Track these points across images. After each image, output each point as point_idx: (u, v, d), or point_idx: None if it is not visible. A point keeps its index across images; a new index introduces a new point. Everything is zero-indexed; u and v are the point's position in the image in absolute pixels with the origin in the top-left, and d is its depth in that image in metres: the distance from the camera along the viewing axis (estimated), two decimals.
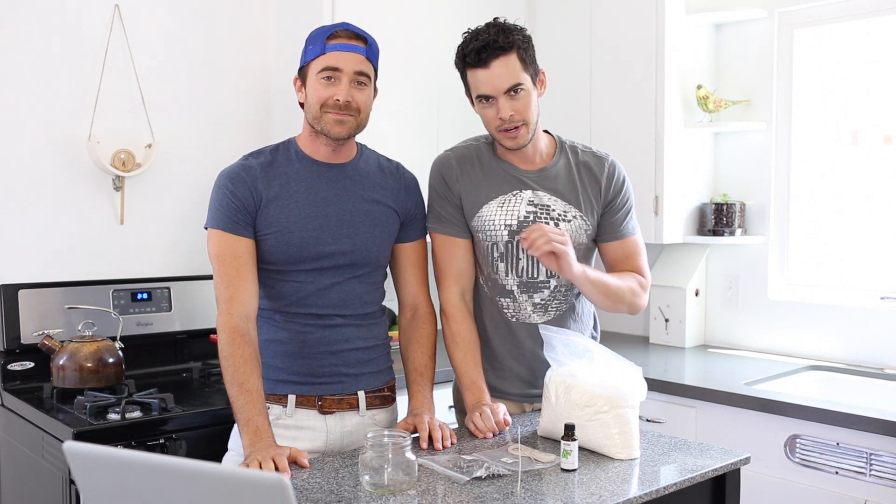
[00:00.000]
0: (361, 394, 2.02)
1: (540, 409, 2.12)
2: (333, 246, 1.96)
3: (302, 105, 2.02)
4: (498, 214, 2.11)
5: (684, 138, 3.30)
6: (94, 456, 1.25)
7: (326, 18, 2.95)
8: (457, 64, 2.07)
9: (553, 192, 2.12)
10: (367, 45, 1.96)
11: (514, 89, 1.99)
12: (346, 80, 1.92)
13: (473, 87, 2.04)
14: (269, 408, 1.94)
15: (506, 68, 1.97)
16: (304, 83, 1.98)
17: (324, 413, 1.97)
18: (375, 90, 2.02)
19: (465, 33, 2.04)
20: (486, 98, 2.02)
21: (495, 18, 2.03)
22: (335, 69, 1.91)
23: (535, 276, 2.12)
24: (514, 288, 2.13)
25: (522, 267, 2.12)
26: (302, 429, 1.96)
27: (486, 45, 1.97)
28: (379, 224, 2.02)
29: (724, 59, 3.41)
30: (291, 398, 1.96)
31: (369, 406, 2.03)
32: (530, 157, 2.13)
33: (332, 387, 1.98)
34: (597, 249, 2.23)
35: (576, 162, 2.16)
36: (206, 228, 1.96)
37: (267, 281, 1.97)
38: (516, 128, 2.02)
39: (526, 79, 2.00)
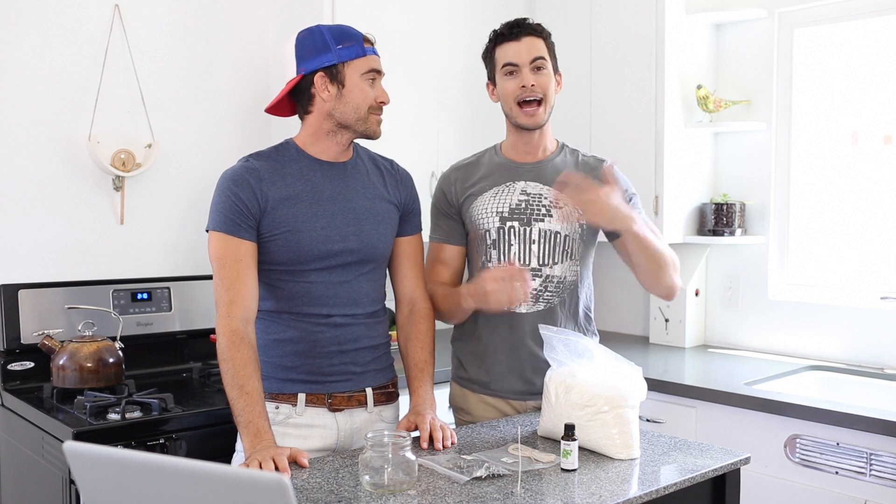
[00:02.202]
0: (369, 390, 2.03)
1: (537, 409, 2.13)
2: (341, 244, 1.96)
3: (308, 103, 1.98)
4: (491, 203, 2.18)
5: (684, 138, 3.30)
6: (94, 456, 1.25)
7: (326, 19, 2.95)
8: (486, 47, 2.21)
9: (547, 182, 2.18)
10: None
11: (538, 62, 2.13)
12: (380, 82, 1.99)
13: (500, 59, 2.16)
14: (277, 407, 1.95)
15: (534, 44, 2.15)
16: (336, 81, 1.94)
17: (333, 410, 1.98)
18: None
19: (496, 29, 2.19)
20: (511, 67, 2.14)
21: (525, 18, 2.20)
22: (379, 72, 1.98)
23: (527, 263, 2.16)
24: None
25: (514, 253, 2.16)
26: (312, 427, 1.97)
27: (519, 23, 2.16)
28: (382, 220, 2.04)
29: (724, 59, 3.41)
30: (301, 397, 1.96)
31: (376, 403, 2.04)
32: (535, 148, 2.21)
33: (341, 384, 1.99)
34: (612, 247, 2.23)
35: (575, 160, 2.24)
36: (207, 231, 1.96)
37: (275, 283, 1.97)
38: (536, 103, 2.13)
39: (549, 63, 2.16)
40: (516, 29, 2.14)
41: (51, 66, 2.76)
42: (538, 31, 2.15)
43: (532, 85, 2.11)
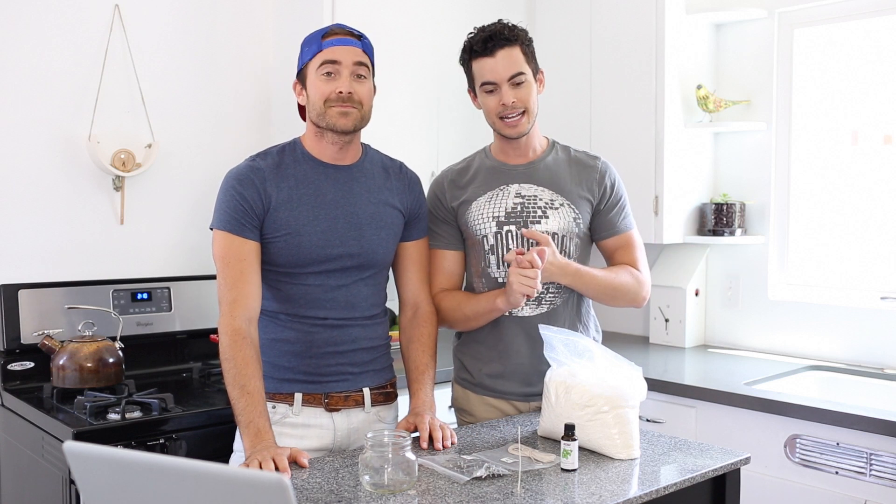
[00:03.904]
0: (366, 390, 2.03)
1: (538, 409, 2.13)
2: (341, 248, 1.96)
3: (302, 109, 2.03)
4: (486, 208, 2.17)
5: (684, 138, 3.30)
6: (94, 456, 1.25)
7: (326, 19, 2.95)
8: (462, 58, 2.17)
9: (540, 183, 2.18)
10: (361, 40, 1.98)
11: (516, 78, 2.08)
12: (346, 72, 1.94)
13: (478, 76, 2.12)
14: (274, 407, 1.95)
15: (510, 58, 2.08)
16: (304, 85, 1.98)
17: (330, 411, 1.98)
18: (374, 88, 2.02)
19: (470, 33, 2.14)
20: (489, 86, 2.10)
21: (499, 20, 2.13)
22: (334, 62, 1.93)
23: None
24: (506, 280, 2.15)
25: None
26: (309, 427, 1.97)
27: (492, 36, 2.08)
28: (385, 226, 2.03)
29: (724, 59, 3.41)
30: (298, 396, 1.96)
31: (374, 403, 2.03)
32: (524, 151, 2.20)
33: (337, 384, 1.99)
34: (594, 247, 2.28)
35: (567, 158, 2.23)
36: (211, 229, 1.96)
37: (274, 283, 1.97)
38: (518, 116, 2.10)
39: (528, 71, 2.11)
40: (490, 43, 2.07)
41: (51, 66, 2.76)
42: (512, 40, 2.08)
43: (513, 102, 2.08)
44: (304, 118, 2.07)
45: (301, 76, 1.99)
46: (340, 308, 1.99)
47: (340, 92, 1.92)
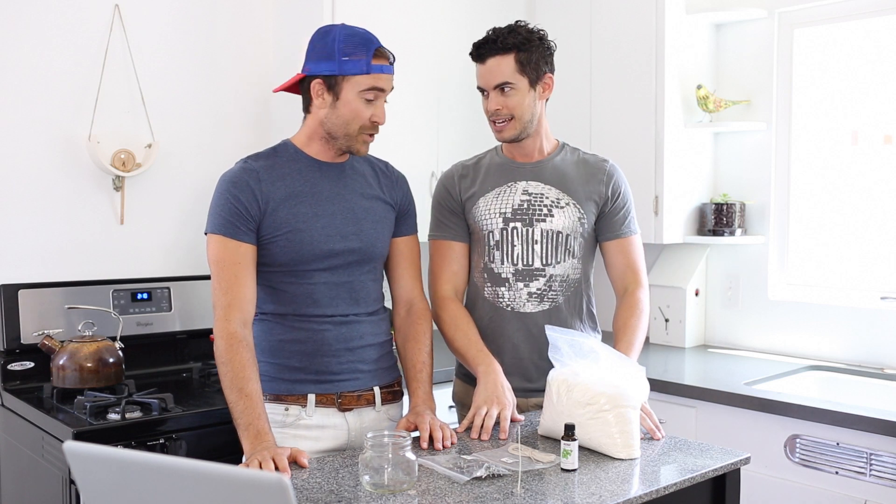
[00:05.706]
0: (377, 389, 2.03)
1: (538, 406, 2.14)
2: (342, 243, 1.97)
3: (308, 103, 1.98)
4: (493, 204, 2.20)
5: (684, 138, 3.30)
6: (94, 456, 1.25)
7: (326, 19, 2.95)
8: None
9: (547, 182, 2.20)
10: (392, 64, 1.98)
11: (502, 87, 2.11)
12: (381, 101, 1.95)
13: (476, 78, 2.18)
14: (287, 409, 1.95)
15: (499, 67, 2.11)
16: (332, 92, 1.92)
17: (343, 410, 1.98)
18: None
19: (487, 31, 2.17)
20: (481, 90, 2.17)
21: (517, 21, 2.16)
22: (381, 90, 1.93)
23: (531, 263, 2.18)
24: (510, 276, 2.19)
25: (518, 254, 2.18)
26: (324, 428, 1.97)
27: (484, 43, 2.12)
28: (380, 219, 2.05)
29: (724, 59, 3.41)
30: (311, 398, 1.96)
31: (383, 401, 2.04)
32: (529, 152, 2.24)
33: (349, 383, 1.99)
34: (598, 248, 2.30)
35: (575, 159, 2.26)
36: (205, 234, 1.95)
37: (278, 285, 1.97)
38: (503, 122, 2.14)
39: (520, 80, 2.11)
40: (481, 50, 2.11)
41: (51, 65, 2.76)
42: (505, 48, 2.08)
43: (497, 109, 2.12)
44: (306, 110, 2.03)
45: (331, 82, 1.92)
46: (346, 304, 1.99)
47: (376, 122, 1.94)
